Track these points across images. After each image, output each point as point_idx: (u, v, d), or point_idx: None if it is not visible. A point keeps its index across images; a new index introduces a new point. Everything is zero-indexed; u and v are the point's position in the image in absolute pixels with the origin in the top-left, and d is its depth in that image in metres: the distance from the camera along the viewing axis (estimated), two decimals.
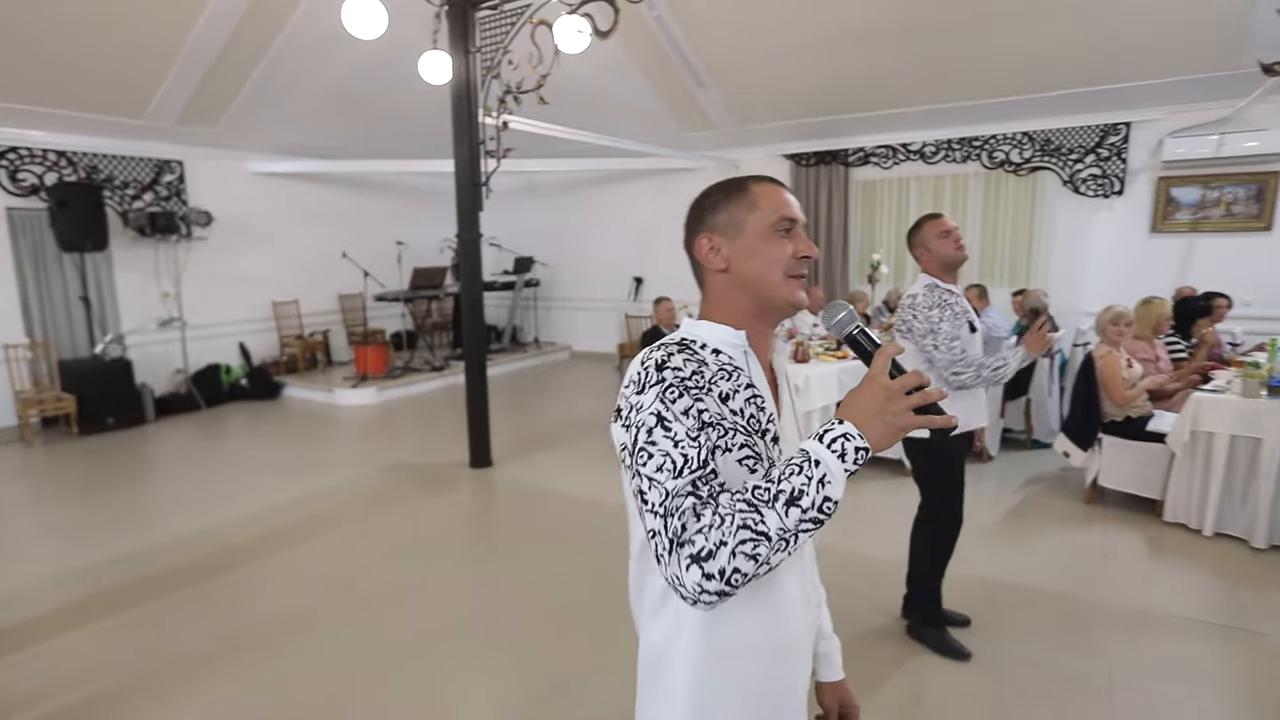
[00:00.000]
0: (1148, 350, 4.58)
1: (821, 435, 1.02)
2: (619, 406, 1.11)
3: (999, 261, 7.91)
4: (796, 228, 1.18)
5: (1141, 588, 3.45)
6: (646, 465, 1.04)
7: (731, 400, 1.10)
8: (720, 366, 1.13)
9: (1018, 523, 4.26)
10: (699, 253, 1.21)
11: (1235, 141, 6.55)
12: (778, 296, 1.17)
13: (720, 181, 1.25)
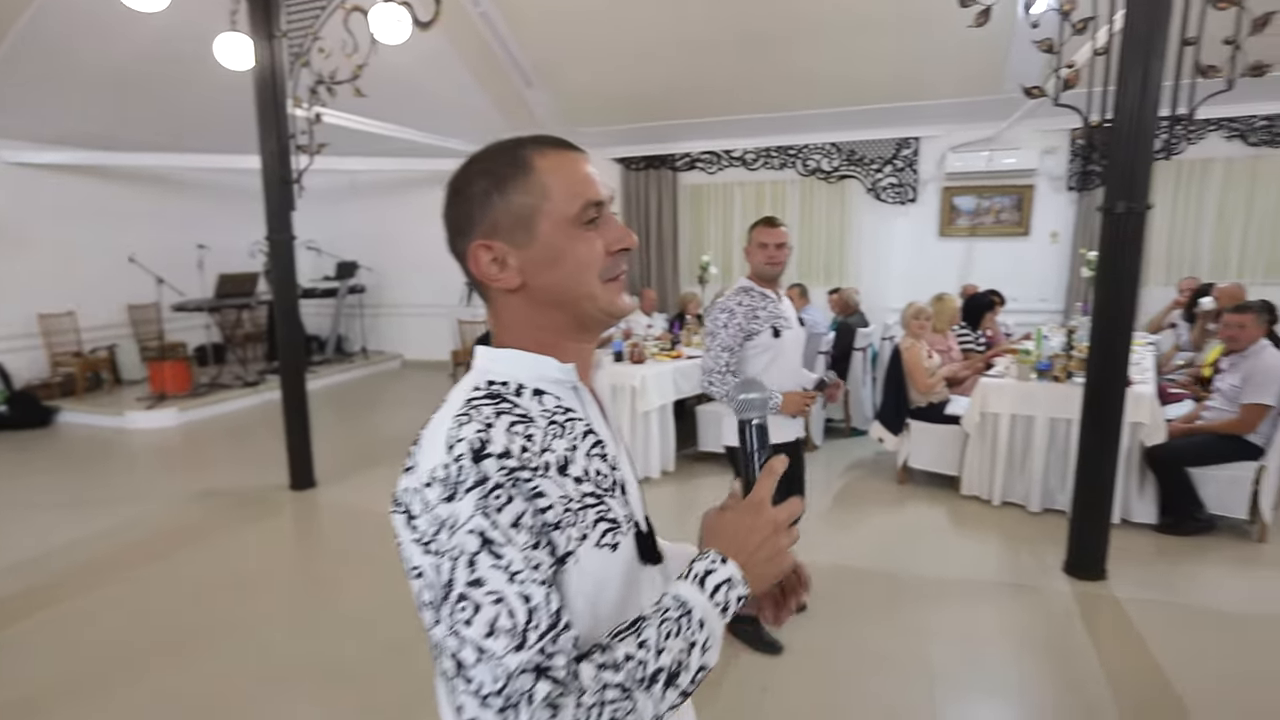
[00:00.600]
0: (942, 342, 5.11)
1: (702, 578, 0.79)
2: (406, 507, 0.77)
3: (815, 262, 8.51)
4: (605, 212, 0.87)
5: (946, 557, 3.83)
6: (471, 624, 0.71)
7: (572, 465, 0.81)
8: (549, 419, 0.82)
9: (842, 506, 4.58)
10: (476, 269, 0.86)
11: (1000, 158, 7.50)
12: (596, 309, 0.86)
13: (483, 155, 0.88)
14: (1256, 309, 3.85)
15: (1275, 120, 6.76)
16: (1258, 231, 6.99)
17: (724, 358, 2.80)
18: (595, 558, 0.80)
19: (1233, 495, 3.87)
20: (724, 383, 2.79)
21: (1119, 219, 3.16)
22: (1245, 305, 3.92)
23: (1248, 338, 3.82)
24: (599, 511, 0.81)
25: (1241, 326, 3.82)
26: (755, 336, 2.82)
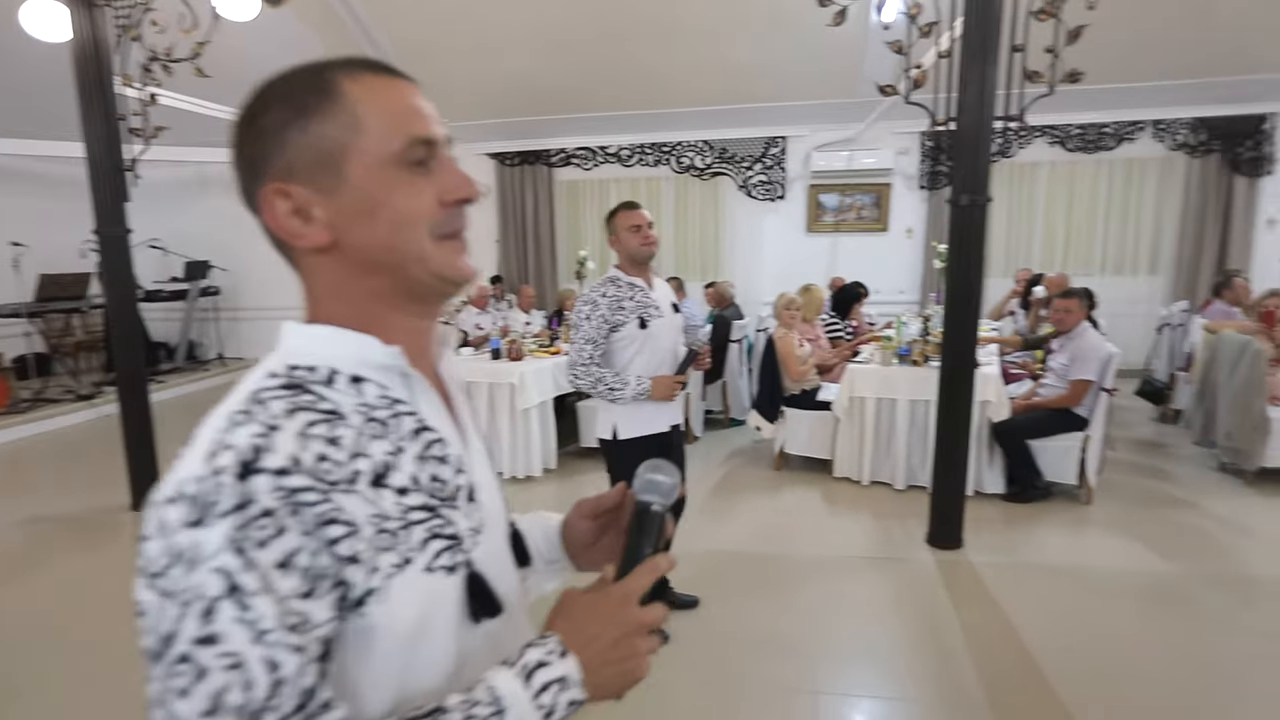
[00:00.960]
0: (810, 331, 5.33)
1: (531, 670, 0.64)
2: (144, 537, 0.58)
3: (691, 257, 8.69)
4: (439, 154, 0.70)
5: (822, 537, 4.00)
6: (188, 695, 0.54)
7: (395, 473, 0.64)
8: (367, 415, 0.65)
9: (722, 495, 4.69)
10: (272, 221, 0.68)
11: (860, 158, 7.94)
12: (428, 274, 0.69)
13: (281, 77, 0.69)
14: (1079, 295, 4.28)
15: (1088, 129, 7.55)
16: (1077, 228, 7.79)
17: (587, 350, 2.76)
18: (419, 588, 0.63)
19: (1064, 463, 4.28)
20: (588, 374, 2.76)
21: (964, 211, 3.40)
22: (1070, 291, 4.35)
23: (1073, 321, 4.24)
24: (431, 528, 0.65)
25: (1068, 311, 4.23)
26: (621, 328, 2.77)
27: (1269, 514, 4.11)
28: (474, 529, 0.71)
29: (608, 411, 2.86)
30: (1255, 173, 7.26)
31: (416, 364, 0.71)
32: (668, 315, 2.94)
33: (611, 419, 2.85)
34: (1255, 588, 3.31)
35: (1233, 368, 4.48)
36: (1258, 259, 7.38)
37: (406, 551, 0.63)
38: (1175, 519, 4.08)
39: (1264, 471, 4.49)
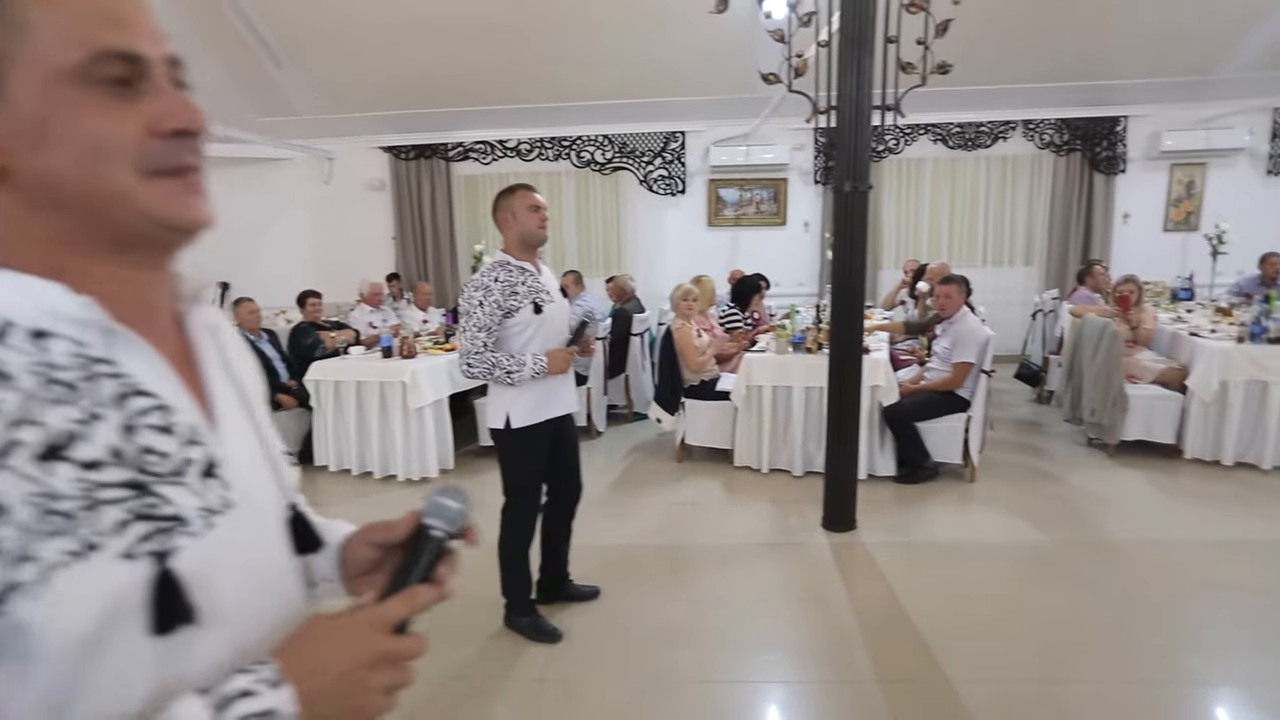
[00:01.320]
0: (705, 321, 5.36)
1: (229, 700, 0.54)
2: None
3: (594, 252, 8.62)
4: (150, 74, 0.59)
5: (722, 527, 4.00)
6: None
7: (81, 444, 0.53)
8: (46, 376, 0.54)
9: (624, 488, 4.63)
10: None
11: (757, 153, 8.08)
12: (138, 217, 0.59)
13: None
14: (958, 281, 4.47)
15: (966, 128, 7.94)
16: (960, 221, 8.19)
17: (480, 338, 2.65)
18: (105, 581, 0.52)
19: (949, 444, 4.45)
20: (482, 361, 2.65)
21: (847, 198, 3.46)
22: (949, 278, 4.53)
23: (953, 306, 4.42)
24: (135, 508, 0.54)
25: (948, 296, 4.41)
26: (515, 314, 2.67)
27: (1127, 483, 4.40)
28: (207, 509, 0.59)
29: (500, 399, 2.75)
30: (1111, 171, 7.84)
31: (137, 320, 0.59)
32: (558, 301, 2.87)
33: (504, 407, 2.74)
34: (1115, 551, 3.52)
35: (1094, 349, 4.78)
36: (1116, 250, 7.97)
37: (91, 536, 0.52)
38: (1048, 491, 4.31)
39: (1123, 444, 4.82)
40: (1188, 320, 5.47)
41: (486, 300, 2.65)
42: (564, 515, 3.11)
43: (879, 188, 8.17)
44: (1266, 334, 4.44)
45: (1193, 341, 4.81)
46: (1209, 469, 4.55)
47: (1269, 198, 7.82)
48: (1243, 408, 4.45)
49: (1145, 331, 5.06)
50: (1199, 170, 7.87)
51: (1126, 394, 4.71)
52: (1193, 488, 4.31)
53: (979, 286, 8.19)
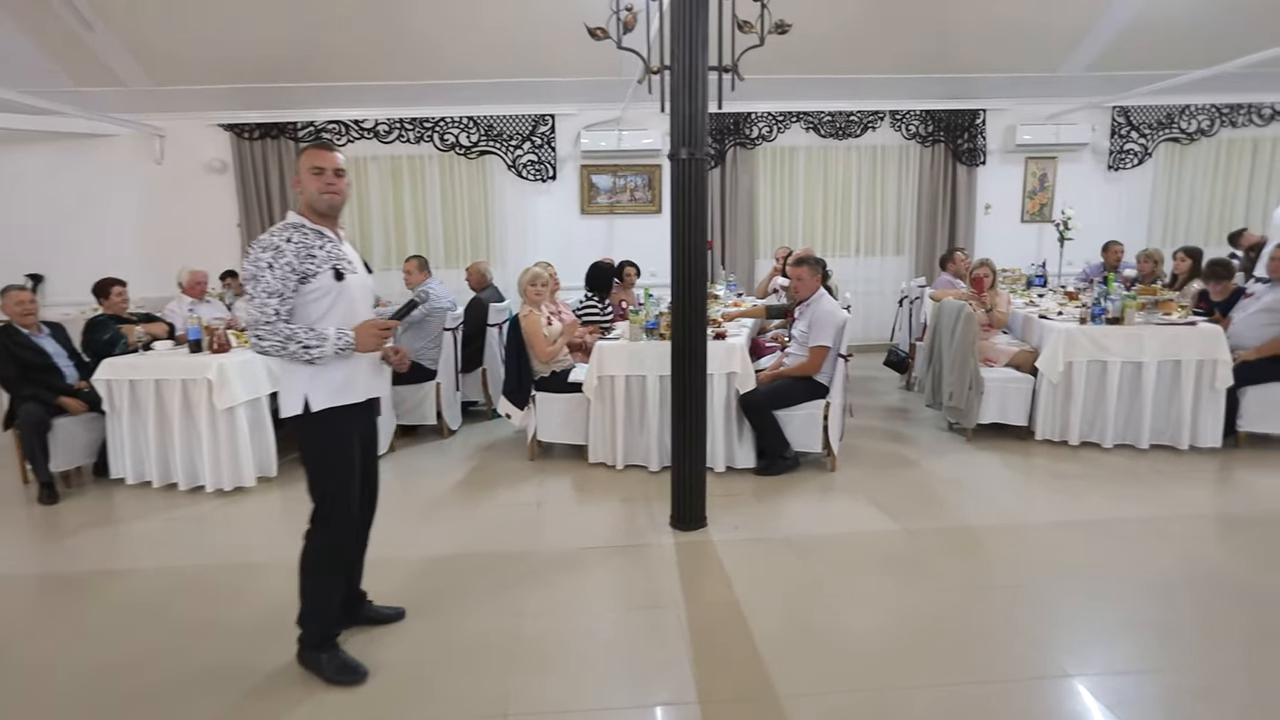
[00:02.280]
0: (556, 307, 4.99)
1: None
2: None
3: (461, 240, 8.10)
4: None
5: (568, 529, 3.65)
6: None
7: None
8: None
9: (466, 492, 4.21)
10: None
11: (630, 138, 7.78)
12: None
13: None
14: (811, 262, 4.30)
15: (837, 116, 7.94)
16: (833, 211, 8.19)
17: (272, 305, 2.19)
18: None
19: (809, 432, 4.27)
20: (274, 334, 2.19)
21: (684, 165, 3.18)
22: (801, 259, 4.35)
23: (806, 289, 4.24)
24: None
25: (800, 279, 4.23)
26: (312, 279, 2.25)
27: (984, 467, 4.36)
28: None
29: (295, 380, 2.29)
30: (973, 162, 8.03)
31: None
32: (362, 275, 2.45)
33: (300, 388, 2.29)
34: (970, 539, 3.40)
35: (951, 333, 4.74)
36: (979, 239, 8.18)
37: None
38: (907, 479, 4.20)
39: (981, 428, 4.81)
40: (1039, 304, 5.55)
41: (278, 262, 2.19)
42: (360, 528, 2.66)
43: (754, 176, 8.07)
44: (1106, 315, 4.50)
45: (1042, 324, 4.85)
46: (1058, 449, 4.58)
47: (1110, 191, 8.22)
48: (1085, 388, 4.50)
49: (999, 315, 5.08)
50: (1050, 164, 8.18)
51: (982, 377, 4.69)
52: (1044, 469, 4.30)
53: (852, 276, 8.25)
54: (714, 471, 4.23)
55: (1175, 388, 4.42)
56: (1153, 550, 3.23)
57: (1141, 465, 4.28)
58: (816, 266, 4.28)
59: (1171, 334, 4.37)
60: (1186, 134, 8.08)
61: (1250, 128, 8.10)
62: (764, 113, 7.90)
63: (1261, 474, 4.14)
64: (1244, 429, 4.51)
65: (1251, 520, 3.56)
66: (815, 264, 4.29)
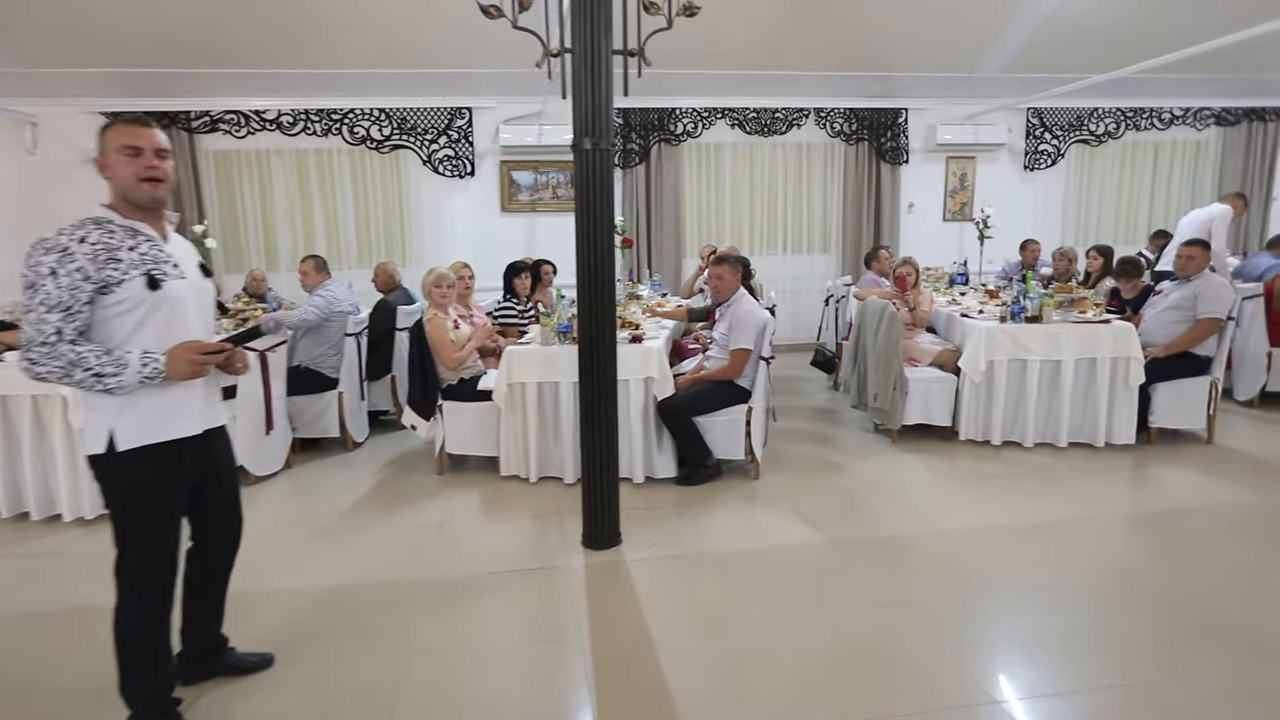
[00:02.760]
0: (466, 309, 4.69)
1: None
2: None
3: (374, 239, 7.67)
4: None
5: (472, 551, 3.36)
6: None
7: None
8: None
9: (364, 512, 3.87)
10: None
11: (552, 132, 7.50)
12: None
13: None
14: (731, 261, 4.12)
15: (762, 113, 7.84)
16: (760, 209, 8.09)
17: (52, 321, 1.79)
18: None
19: (731, 438, 4.10)
20: (54, 358, 1.79)
21: (588, 157, 2.94)
22: (721, 258, 4.17)
23: (727, 288, 4.07)
24: None
25: (720, 278, 4.05)
26: (115, 288, 1.85)
27: (908, 470, 4.27)
28: None
29: (98, 412, 1.90)
30: (896, 161, 8.05)
31: None
32: (193, 279, 2.05)
33: (104, 421, 1.90)
34: (890, 549, 3.28)
35: (875, 332, 4.65)
36: (903, 237, 8.21)
37: None
38: (831, 484, 4.07)
39: (905, 429, 4.74)
40: (961, 303, 5.54)
41: (63, 267, 1.79)
42: (217, 567, 2.32)
43: (680, 173, 7.90)
44: (1025, 313, 4.48)
45: (964, 323, 4.81)
46: (981, 449, 4.54)
47: (1026, 191, 8.39)
48: (1006, 387, 4.47)
49: (922, 313, 5.02)
50: (970, 164, 8.29)
51: (907, 377, 4.61)
52: (967, 470, 4.24)
53: (779, 274, 8.18)
54: (632, 483, 4.02)
55: (1091, 385, 4.43)
56: (1074, 554, 3.16)
57: (1061, 464, 4.27)
58: (737, 266, 4.11)
59: (1087, 332, 4.38)
60: (1095, 136, 8.31)
61: (1152, 131, 8.39)
62: (689, 109, 7.74)
63: (1171, 469, 4.18)
64: (1155, 424, 4.56)
65: (1164, 517, 3.56)
66: (735, 263, 4.12)
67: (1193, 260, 4.51)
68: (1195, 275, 4.51)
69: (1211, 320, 4.38)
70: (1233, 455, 4.42)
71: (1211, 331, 4.40)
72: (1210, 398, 4.52)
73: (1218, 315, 4.38)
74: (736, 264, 4.11)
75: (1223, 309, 4.37)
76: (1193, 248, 4.52)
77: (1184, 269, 4.55)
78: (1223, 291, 4.40)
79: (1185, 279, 4.56)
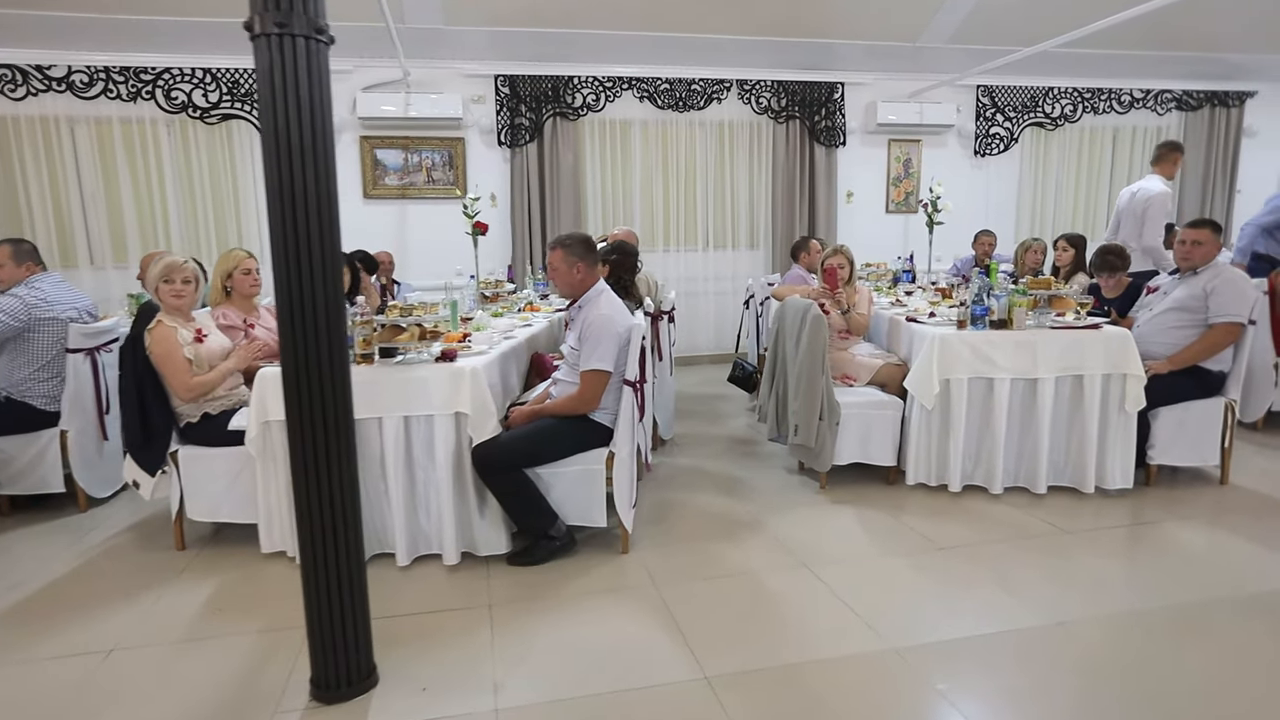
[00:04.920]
0: (233, 315, 3.36)
1: None
2: None
3: (202, 227, 6.23)
4: None
5: (136, 703, 2.05)
6: None
7: None
8: None
9: (15, 623, 2.51)
10: None
11: (424, 103, 6.21)
12: None
13: None
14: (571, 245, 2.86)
15: (676, 84, 6.68)
16: (677, 195, 6.91)
17: None
18: None
19: (586, 496, 2.87)
20: None
21: (269, 47, 1.69)
22: (558, 241, 2.89)
23: (566, 281, 2.83)
24: None
25: (554, 268, 2.81)
26: None
27: (838, 535, 3.09)
28: None
29: None
30: (831, 143, 6.99)
31: None
32: None
33: None
34: (795, 686, 2.08)
35: (796, 341, 3.49)
36: (842, 231, 7.15)
37: None
38: (728, 562, 2.87)
39: (838, 470, 3.59)
40: (906, 304, 4.44)
41: None
42: None
43: (579, 152, 6.67)
44: (989, 315, 3.37)
45: (911, 329, 3.70)
46: (935, 499, 3.41)
47: (978, 178, 7.43)
48: (968, 414, 3.35)
49: (859, 317, 3.89)
50: (914, 147, 7.28)
51: (837, 402, 3.46)
52: (915, 534, 3.08)
53: (701, 273, 7.00)
54: (444, 564, 2.76)
55: (1077, 411, 3.35)
56: (1063, 682, 2.02)
57: (1040, 521, 3.16)
58: (586, 251, 2.85)
59: (1071, 341, 3.29)
60: (1051, 119, 7.40)
61: (1111, 114, 7.53)
62: (589, 77, 6.52)
63: (1185, 527, 3.10)
64: (1155, 461, 3.50)
65: (1198, 611, 2.45)
66: (580, 247, 2.84)
67: (1200, 247, 3.48)
68: (1204, 266, 3.48)
69: (1229, 325, 3.35)
70: (1254, 501, 3.38)
71: (1230, 340, 3.37)
72: (1225, 425, 3.48)
73: (1237, 319, 3.35)
74: (583, 248, 2.86)
75: (1244, 309, 3.34)
76: (1200, 230, 3.49)
77: (1189, 259, 3.52)
78: (1243, 287, 3.38)
79: (1191, 271, 3.52)
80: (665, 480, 3.81)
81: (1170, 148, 4.92)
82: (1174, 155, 4.90)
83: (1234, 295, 3.34)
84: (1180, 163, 5.01)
